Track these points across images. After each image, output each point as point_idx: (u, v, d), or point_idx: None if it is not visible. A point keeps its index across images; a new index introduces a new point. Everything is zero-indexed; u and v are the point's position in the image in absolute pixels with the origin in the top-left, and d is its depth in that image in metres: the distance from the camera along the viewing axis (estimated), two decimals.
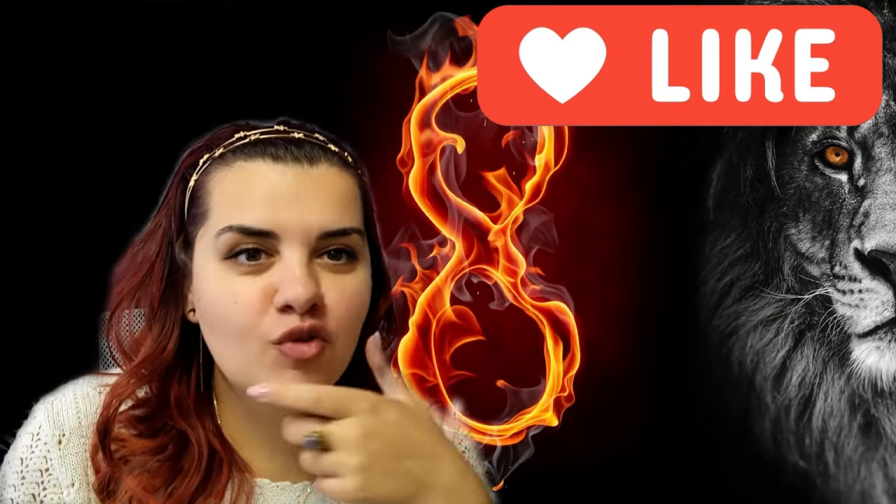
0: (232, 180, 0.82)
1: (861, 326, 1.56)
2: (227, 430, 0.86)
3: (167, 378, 0.84)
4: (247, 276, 0.79)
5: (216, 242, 0.80)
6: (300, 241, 0.79)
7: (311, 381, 0.79)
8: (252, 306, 0.78)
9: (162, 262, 0.84)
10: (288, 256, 0.79)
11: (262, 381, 0.79)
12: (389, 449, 0.74)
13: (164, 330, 0.84)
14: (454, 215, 1.56)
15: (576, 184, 1.68)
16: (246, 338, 0.79)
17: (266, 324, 0.78)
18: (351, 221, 0.82)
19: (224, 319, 0.79)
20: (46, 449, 0.83)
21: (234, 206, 0.80)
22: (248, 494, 0.85)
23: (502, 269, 1.62)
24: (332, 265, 0.81)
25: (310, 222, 0.79)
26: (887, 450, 1.62)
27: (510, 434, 1.60)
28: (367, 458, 0.73)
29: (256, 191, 0.80)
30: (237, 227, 0.79)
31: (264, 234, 0.79)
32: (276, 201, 0.80)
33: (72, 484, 0.83)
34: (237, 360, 0.81)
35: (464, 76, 1.56)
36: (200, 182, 0.83)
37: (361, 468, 0.73)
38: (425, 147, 1.56)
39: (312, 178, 0.82)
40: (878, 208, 1.53)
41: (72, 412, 0.84)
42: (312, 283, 0.78)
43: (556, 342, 1.65)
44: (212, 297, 0.80)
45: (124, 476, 0.82)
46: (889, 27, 1.53)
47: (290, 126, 0.86)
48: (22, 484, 0.83)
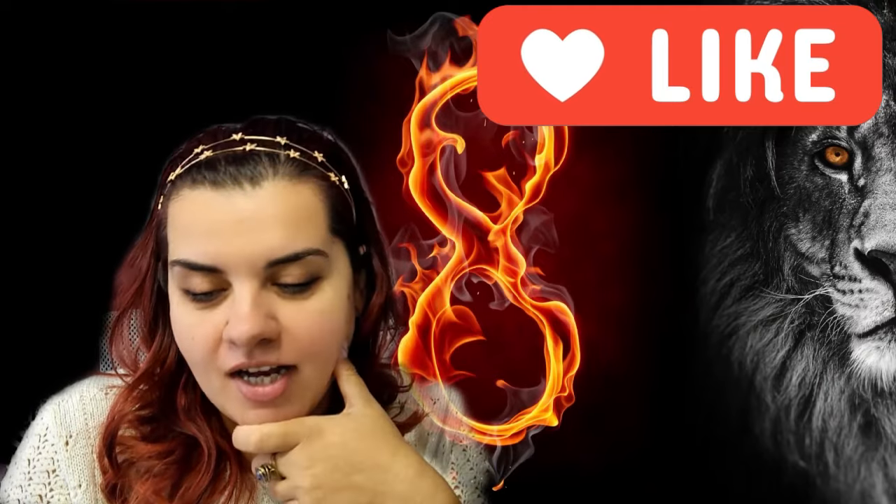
0: (180, 210, 0.80)
1: (861, 326, 1.56)
2: (231, 429, 0.86)
3: (171, 388, 0.84)
4: (202, 311, 0.78)
5: (174, 272, 0.79)
6: (247, 273, 0.76)
7: (280, 416, 0.78)
8: (206, 342, 0.78)
9: (151, 279, 0.84)
10: (237, 290, 0.77)
11: (231, 413, 0.79)
12: (336, 467, 0.77)
13: (162, 346, 0.84)
14: (454, 215, 1.56)
15: (576, 184, 1.68)
16: (207, 372, 0.79)
17: (220, 357, 0.78)
18: (305, 242, 0.79)
19: (187, 352, 0.80)
20: (53, 450, 0.83)
21: (181, 238, 0.79)
22: (251, 492, 0.85)
23: (502, 269, 1.62)
24: (290, 292, 0.78)
25: (254, 252, 0.76)
26: (887, 450, 1.61)
27: (510, 434, 1.60)
28: (314, 479, 0.76)
29: (198, 223, 0.78)
30: (183, 262, 0.78)
31: (209, 269, 0.77)
32: (218, 234, 0.77)
33: (79, 485, 0.83)
34: (207, 390, 0.81)
35: (464, 76, 1.56)
36: (164, 205, 0.82)
37: (312, 488, 0.76)
38: (425, 147, 1.56)
39: (255, 203, 0.77)
40: (878, 208, 1.53)
41: (78, 414, 0.84)
42: (259, 318, 0.76)
43: (556, 342, 1.65)
44: (177, 329, 0.80)
45: (132, 481, 0.82)
46: (889, 27, 1.53)
47: (255, 128, 0.83)
48: (29, 485, 0.83)
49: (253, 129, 0.82)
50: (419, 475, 0.80)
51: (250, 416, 0.78)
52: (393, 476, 0.78)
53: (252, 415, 0.78)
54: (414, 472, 0.79)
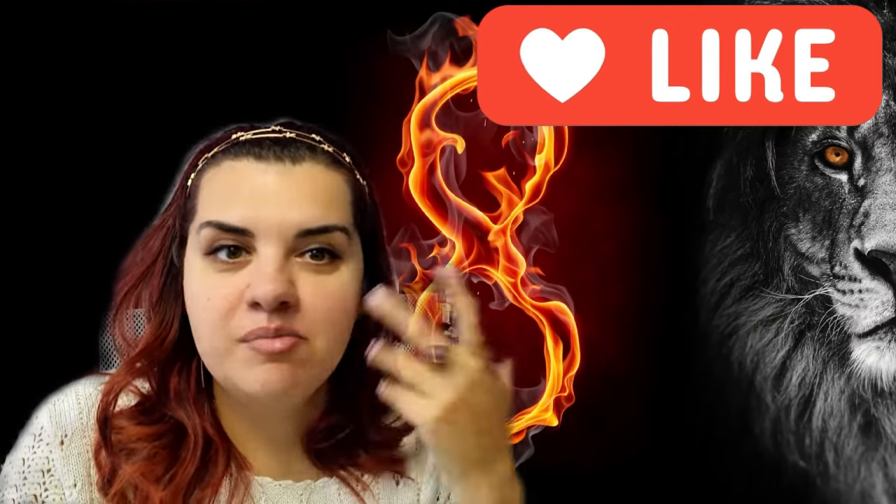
0: (218, 178, 0.83)
1: (861, 326, 1.57)
2: (227, 426, 0.87)
3: (167, 370, 0.85)
4: (224, 273, 0.80)
5: (198, 238, 0.81)
6: (277, 238, 0.79)
7: (286, 374, 0.79)
8: (224, 303, 0.79)
9: (164, 257, 0.85)
10: (263, 253, 0.79)
11: (235, 378, 0.80)
12: (477, 415, 0.78)
13: (164, 323, 0.85)
14: (454, 215, 1.56)
15: (576, 184, 1.68)
16: (214, 334, 0.79)
17: (235, 321, 0.79)
18: (334, 219, 0.82)
19: (198, 314, 0.80)
20: (49, 450, 0.83)
21: (216, 203, 0.81)
22: (246, 487, 0.85)
23: (502, 269, 1.62)
24: (312, 265, 0.81)
25: (288, 220, 0.80)
26: (887, 450, 1.62)
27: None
28: (459, 400, 0.76)
29: (237, 188, 0.81)
30: (215, 223, 0.80)
31: (241, 232, 0.79)
32: (256, 199, 0.80)
33: (74, 485, 0.83)
34: (211, 357, 0.81)
35: (464, 76, 1.56)
36: (195, 181, 0.84)
37: (451, 405, 0.76)
38: (425, 147, 1.56)
39: (294, 177, 0.82)
40: (878, 208, 1.53)
41: (74, 413, 0.84)
42: (284, 281, 0.78)
43: (556, 342, 1.65)
44: (192, 293, 0.81)
45: (123, 464, 0.82)
46: (889, 27, 1.53)
47: (289, 127, 0.86)
48: (24, 485, 0.83)
49: (290, 127, 0.86)
50: (513, 473, 0.82)
51: (256, 371, 0.79)
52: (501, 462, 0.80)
53: (258, 370, 0.79)
54: (511, 468, 0.82)
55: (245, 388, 0.80)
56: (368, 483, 0.90)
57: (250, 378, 0.79)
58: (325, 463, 0.89)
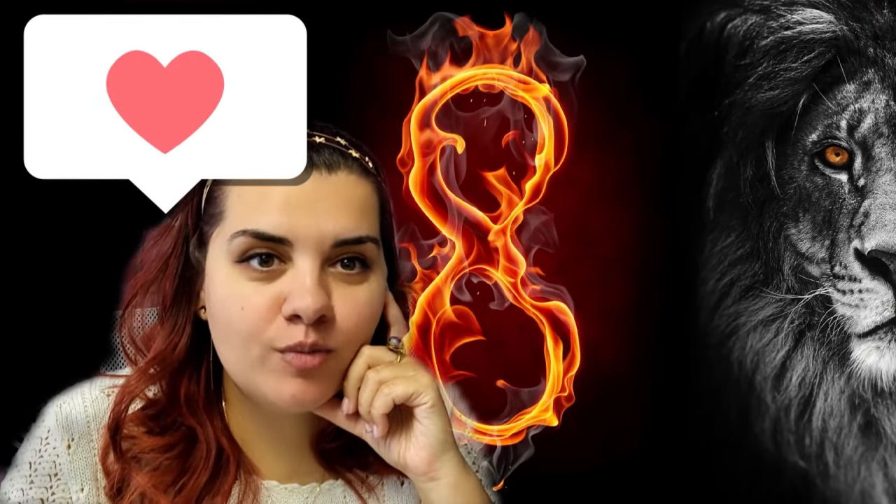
0: (251, 186, 0.82)
1: (861, 326, 1.56)
2: (235, 430, 0.87)
3: (178, 376, 0.84)
4: (257, 282, 0.79)
5: (229, 245, 0.80)
6: (314, 249, 0.79)
7: (313, 389, 0.80)
8: (259, 313, 0.78)
9: (177, 259, 0.85)
10: (300, 265, 0.79)
11: (264, 388, 0.79)
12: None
13: (176, 327, 0.84)
14: (454, 215, 1.56)
15: (576, 184, 1.68)
16: (250, 343, 0.79)
17: (272, 332, 0.78)
18: (367, 230, 0.82)
19: (230, 323, 0.79)
20: (56, 453, 0.83)
21: (249, 210, 0.80)
22: (254, 494, 0.85)
23: (502, 269, 1.62)
24: (344, 275, 0.81)
25: (325, 230, 0.79)
26: (887, 450, 1.61)
27: (510, 434, 1.60)
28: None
29: (273, 196, 0.80)
30: (251, 232, 0.79)
31: (278, 241, 0.79)
32: (292, 208, 0.79)
33: (81, 489, 0.83)
34: (239, 364, 0.81)
35: (464, 76, 1.56)
36: (219, 184, 0.83)
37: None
38: (425, 147, 1.56)
39: (330, 186, 0.81)
40: (878, 208, 1.53)
41: (81, 416, 0.84)
42: (322, 294, 0.78)
43: (556, 342, 1.65)
44: (220, 300, 0.80)
45: (134, 473, 0.82)
46: (889, 27, 1.53)
47: (313, 129, 0.85)
48: (30, 488, 0.83)
49: (314, 129, 0.85)
50: (468, 469, 0.86)
51: (288, 384, 0.79)
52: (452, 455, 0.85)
53: (289, 383, 0.79)
54: (463, 462, 0.86)
55: (274, 399, 0.80)
56: (374, 485, 0.90)
57: (280, 390, 0.79)
58: (332, 464, 0.89)
